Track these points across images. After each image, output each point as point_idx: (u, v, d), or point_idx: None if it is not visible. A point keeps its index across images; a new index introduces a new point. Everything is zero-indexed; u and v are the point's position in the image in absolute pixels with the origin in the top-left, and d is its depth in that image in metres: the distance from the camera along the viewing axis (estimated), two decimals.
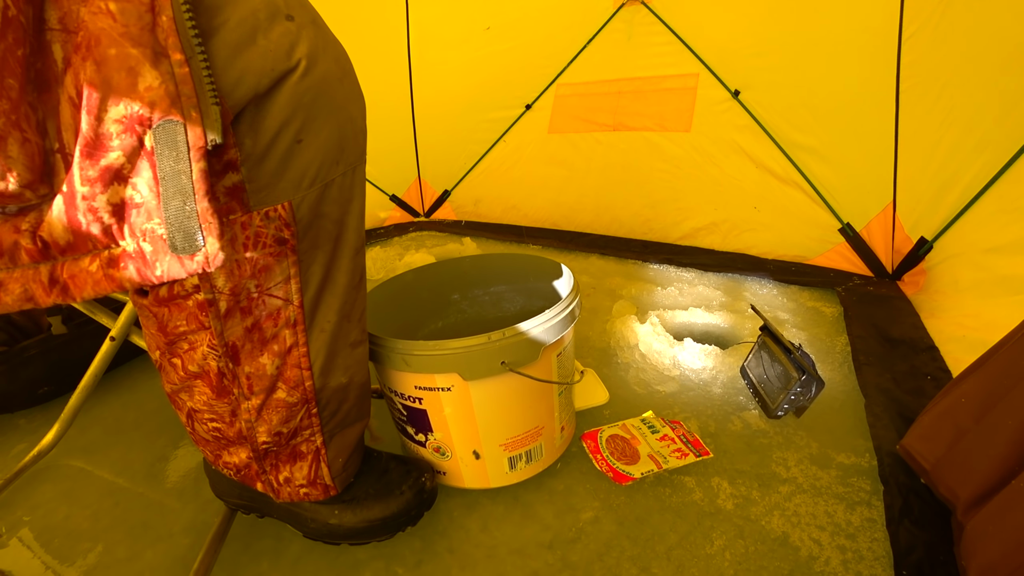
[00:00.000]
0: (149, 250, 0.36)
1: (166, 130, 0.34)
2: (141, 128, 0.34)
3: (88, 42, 0.33)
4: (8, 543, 0.69)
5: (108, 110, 0.33)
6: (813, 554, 0.58)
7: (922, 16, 1.10)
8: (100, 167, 0.34)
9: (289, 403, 0.52)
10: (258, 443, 0.54)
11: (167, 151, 0.34)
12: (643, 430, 0.78)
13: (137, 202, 0.35)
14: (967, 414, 0.57)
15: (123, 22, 0.33)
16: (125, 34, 0.33)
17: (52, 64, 0.34)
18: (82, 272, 0.37)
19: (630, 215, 1.68)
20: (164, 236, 0.35)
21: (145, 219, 0.35)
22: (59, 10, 0.33)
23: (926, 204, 1.13)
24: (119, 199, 0.35)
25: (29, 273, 0.36)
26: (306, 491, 0.58)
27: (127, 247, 0.36)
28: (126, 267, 0.36)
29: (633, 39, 1.58)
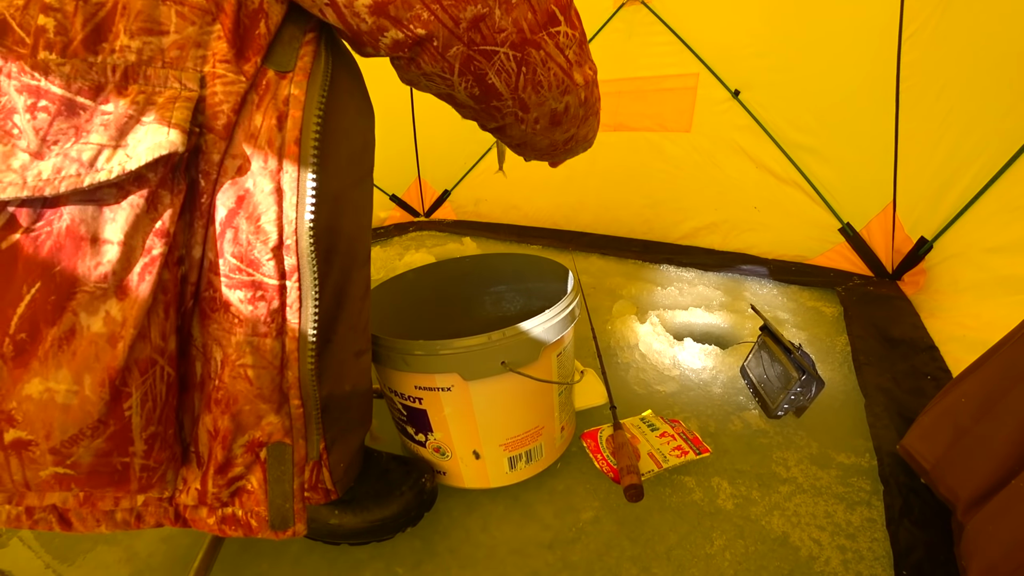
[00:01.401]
0: (255, 525, 0.45)
1: (278, 448, 0.44)
2: (259, 447, 0.43)
3: (227, 400, 0.40)
4: (8, 543, 0.68)
5: (237, 440, 0.42)
6: (813, 554, 0.58)
7: (922, 16, 1.10)
8: (227, 478, 0.43)
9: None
10: None
11: (276, 463, 0.44)
12: (643, 429, 0.78)
13: (249, 490, 0.45)
14: (967, 414, 0.57)
15: (258, 385, 0.40)
16: (259, 395, 0.40)
17: (193, 374, 0.41)
18: (201, 519, 0.45)
19: (630, 215, 1.68)
20: (267, 519, 0.45)
21: (254, 504, 0.45)
22: (202, 337, 0.39)
23: (926, 204, 1.13)
24: (237, 488, 0.44)
25: (160, 511, 0.45)
26: (307, 495, 0.58)
27: (237, 512, 0.45)
28: (236, 529, 0.46)
29: (633, 39, 1.58)
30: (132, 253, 0.33)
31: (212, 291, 0.37)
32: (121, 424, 0.35)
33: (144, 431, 0.37)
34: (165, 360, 0.37)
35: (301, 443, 0.44)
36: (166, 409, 0.38)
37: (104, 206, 0.32)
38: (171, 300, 0.36)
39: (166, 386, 0.37)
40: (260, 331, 0.38)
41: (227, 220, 0.36)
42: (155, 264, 0.33)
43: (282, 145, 0.35)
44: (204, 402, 0.41)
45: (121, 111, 0.32)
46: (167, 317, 0.36)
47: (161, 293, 0.35)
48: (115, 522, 0.43)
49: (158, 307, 0.35)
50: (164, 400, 0.37)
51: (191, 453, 0.43)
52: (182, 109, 0.33)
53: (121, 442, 0.36)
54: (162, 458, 0.39)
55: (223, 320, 0.38)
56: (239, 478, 0.44)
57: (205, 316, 0.39)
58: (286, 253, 0.37)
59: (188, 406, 0.41)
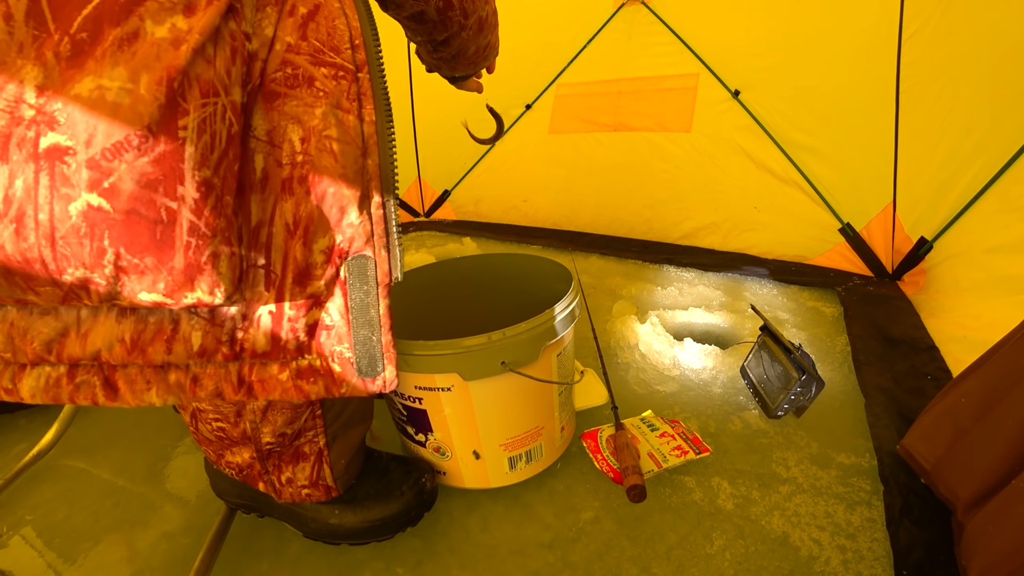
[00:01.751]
0: (338, 371, 0.40)
1: (359, 263, 0.39)
2: (340, 260, 0.39)
3: (312, 176, 0.37)
4: (8, 543, 0.69)
5: (317, 241, 0.38)
6: (813, 554, 0.58)
7: (922, 16, 1.10)
8: (307, 294, 0.39)
9: (294, 405, 0.52)
10: (262, 444, 0.54)
11: (358, 283, 0.39)
12: (643, 429, 0.78)
13: (327, 324, 0.39)
14: (967, 414, 0.57)
15: (343, 163, 0.37)
16: (343, 175, 0.37)
17: (251, 172, 0.37)
18: (272, 378, 0.40)
19: (630, 215, 1.68)
20: (352, 360, 0.40)
21: (336, 342, 0.40)
22: (268, 123, 0.37)
23: (926, 204, 1.13)
24: (314, 320, 0.39)
25: (221, 372, 0.40)
26: (308, 492, 0.58)
27: (313, 362, 0.40)
28: (316, 382, 0.41)
29: (633, 39, 1.58)
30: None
31: (292, 68, 0.37)
32: (173, 145, 0.31)
33: (198, 170, 0.32)
34: (227, 101, 0.34)
35: (383, 255, 0.40)
36: (224, 161, 0.34)
37: None
38: (238, 49, 0.34)
39: (227, 133, 0.34)
40: (343, 105, 0.38)
41: (308, 16, 0.37)
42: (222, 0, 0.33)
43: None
44: (281, 189, 0.37)
45: None
46: (233, 61, 0.34)
47: (229, 36, 0.34)
48: (168, 385, 0.39)
49: (224, 45, 0.33)
50: (223, 148, 0.34)
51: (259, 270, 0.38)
52: None
53: (170, 173, 0.32)
54: (215, 225, 0.34)
55: (306, 95, 0.37)
56: (318, 301, 0.39)
57: (278, 96, 0.37)
58: (356, 49, 0.39)
59: (244, 213, 0.37)
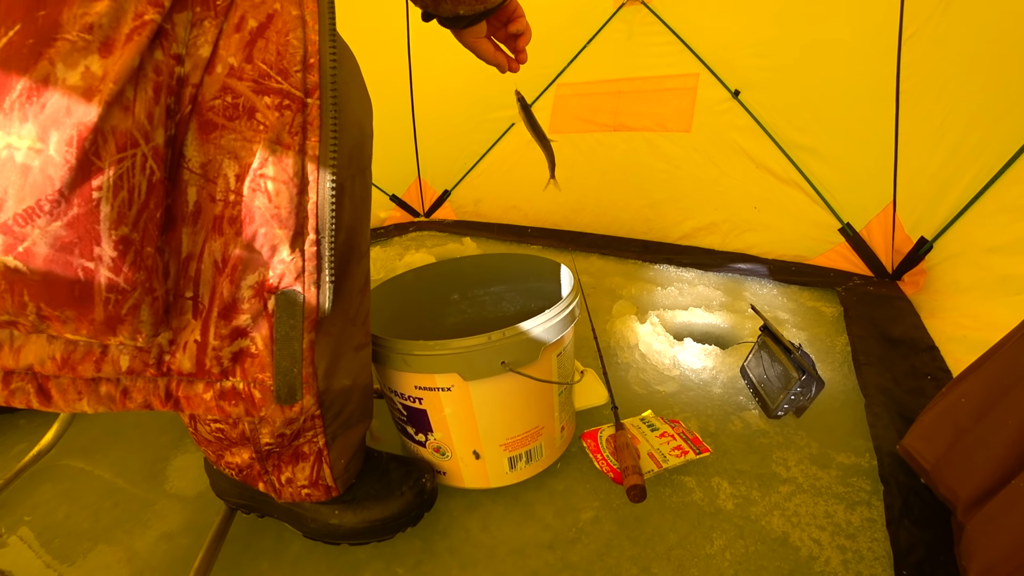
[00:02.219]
0: (258, 397, 0.41)
1: (287, 298, 0.39)
2: (268, 294, 0.39)
3: (243, 217, 0.37)
4: (8, 543, 0.69)
5: (246, 278, 0.38)
6: (813, 554, 0.58)
7: (922, 16, 1.10)
8: (233, 326, 0.39)
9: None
10: (261, 444, 0.54)
11: (285, 316, 0.40)
12: (643, 429, 0.78)
13: (252, 353, 0.40)
14: (967, 414, 0.57)
15: (277, 203, 0.37)
16: (277, 215, 0.37)
17: (183, 204, 0.37)
18: (196, 396, 0.41)
19: (630, 215, 1.68)
20: (272, 388, 0.41)
21: (258, 370, 0.41)
22: (203, 155, 0.36)
23: (926, 204, 1.13)
24: (239, 348, 0.40)
25: (150, 386, 0.41)
26: (308, 492, 0.58)
27: (237, 385, 0.41)
28: (237, 405, 0.42)
29: (633, 39, 1.58)
30: (122, 13, 0.31)
31: (232, 97, 0.36)
32: (87, 207, 0.31)
33: (115, 229, 0.32)
34: (149, 149, 0.33)
35: (313, 291, 0.40)
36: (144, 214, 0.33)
37: None
38: (163, 85, 0.33)
39: (147, 184, 0.33)
40: (283, 140, 0.37)
41: (258, 31, 0.36)
42: (145, 29, 0.31)
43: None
44: (211, 227, 0.37)
45: None
46: (156, 101, 0.33)
47: (152, 71, 0.32)
48: (98, 396, 0.39)
49: (146, 84, 0.32)
50: (143, 201, 0.33)
51: (187, 301, 0.38)
52: None
53: (85, 235, 0.31)
54: (134, 280, 0.34)
55: (245, 128, 0.36)
56: (243, 333, 0.39)
57: (215, 127, 0.36)
58: (310, 70, 0.37)
59: (175, 245, 0.37)
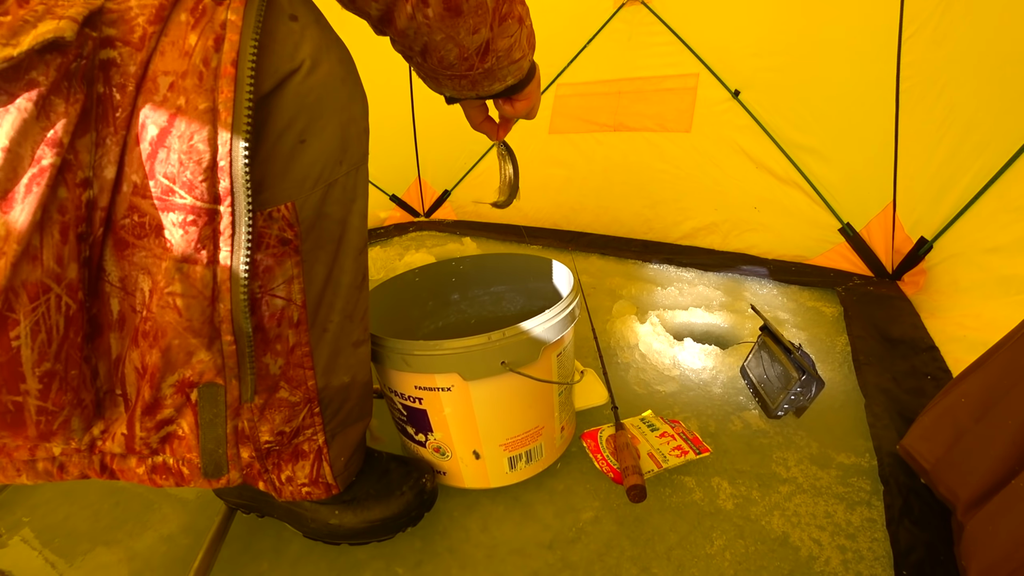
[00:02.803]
0: (187, 472, 0.43)
1: (209, 390, 0.41)
2: (190, 388, 0.40)
3: (155, 332, 0.38)
4: (8, 543, 0.69)
5: (166, 380, 0.40)
6: (813, 554, 0.58)
7: (922, 16, 1.10)
8: (156, 421, 0.41)
9: (292, 402, 0.52)
10: (260, 442, 0.54)
11: (208, 406, 0.41)
12: (643, 429, 0.78)
13: (180, 436, 0.42)
14: (967, 414, 0.57)
15: (187, 316, 0.38)
16: (188, 328, 0.38)
17: (108, 313, 0.38)
18: (130, 469, 0.43)
19: (630, 215, 1.68)
20: (199, 466, 0.43)
21: (186, 450, 0.42)
22: (120, 270, 0.37)
23: (926, 204, 1.13)
24: (167, 433, 0.42)
25: (85, 461, 0.42)
26: (308, 490, 0.58)
27: (167, 460, 0.43)
28: (167, 479, 0.43)
29: (633, 39, 1.58)
30: (19, 162, 0.31)
31: (139, 216, 0.35)
32: (8, 356, 0.32)
33: (38, 367, 0.34)
34: (63, 288, 0.34)
35: (234, 383, 0.41)
36: (66, 345, 0.35)
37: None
38: (70, 223, 0.33)
39: (64, 319, 0.34)
40: (191, 257, 0.36)
41: (159, 139, 0.34)
42: (44, 175, 0.31)
43: (218, 66, 0.35)
44: (130, 338, 0.38)
45: (18, 18, 0.30)
46: (65, 241, 0.33)
47: (57, 213, 0.32)
48: (36, 472, 0.41)
49: (52, 228, 0.32)
50: (63, 334, 0.34)
51: (117, 396, 0.40)
52: (77, 7, 0.32)
53: (10, 378, 0.33)
54: (62, 402, 0.36)
55: (153, 246, 0.36)
56: (169, 422, 0.41)
57: (127, 245, 0.36)
58: (220, 175, 0.36)
59: (104, 349, 0.39)
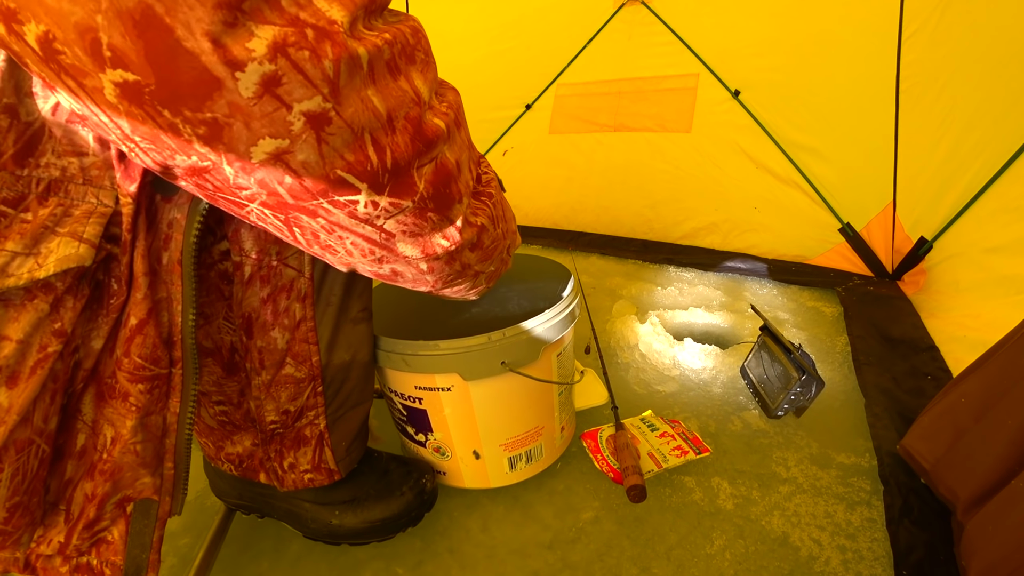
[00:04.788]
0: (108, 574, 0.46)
1: (144, 504, 0.46)
2: (128, 502, 0.45)
3: (112, 470, 0.43)
4: None
5: (110, 501, 0.44)
6: (813, 554, 0.58)
7: (922, 16, 1.10)
8: (92, 532, 0.45)
9: (297, 379, 0.53)
10: (265, 423, 0.54)
11: (141, 517, 0.46)
12: (643, 429, 0.78)
13: (109, 540, 0.46)
14: (967, 414, 0.57)
15: (143, 456, 0.44)
16: (142, 463, 0.44)
17: (72, 445, 0.42)
18: (53, 569, 0.45)
19: (631, 215, 1.68)
20: (121, 568, 0.46)
21: (111, 553, 0.46)
22: (93, 414, 0.42)
23: (926, 204, 1.13)
24: (97, 539, 0.46)
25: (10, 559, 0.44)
26: (311, 476, 0.58)
27: (91, 561, 0.46)
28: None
29: (633, 39, 1.58)
30: (28, 349, 0.35)
31: (114, 382, 0.41)
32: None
33: (8, 501, 0.37)
34: (43, 440, 0.38)
35: (167, 499, 0.47)
36: (34, 481, 0.39)
37: (10, 307, 0.34)
38: (59, 387, 0.38)
39: (39, 461, 0.39)
40: (151, 410, 0.43)
41: (138, 327, 0.40)
42: (48, 360, 0.36)
43: (169, 262, 0.41)
44: (86, 470, 0.43)
45: (39, 221, 0.34)
46: (52, 402, 0.38)
47: (51, 382, 0.37)
48: None
49: (45, 394, 0.37)
50: (34, 473, 0.39)
51: (60, 509, 0.44)
52: (95, 225, 0.36)
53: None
54: (21, 524, 0.40)
55: (120, 407, 0.42)
56: (103, 530, 0.45)
57: (102, 399, 0.42)
58: (175, 347, 0.43)
59: (59, 471, 0.42)
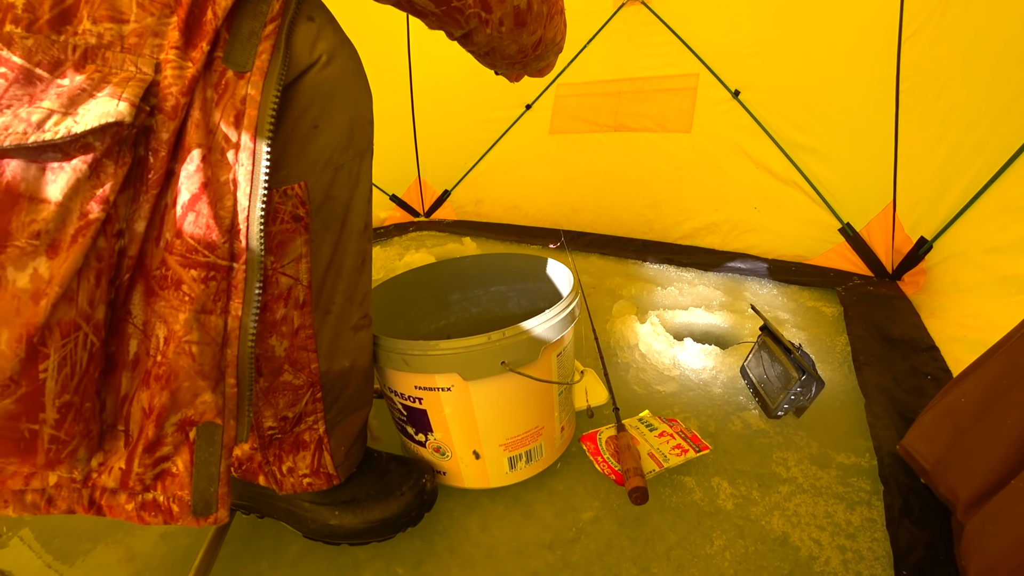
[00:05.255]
0: (176, 510, 0.44)
1: (207, 429, 0.43)
2: (190, 427, 0.42)
3: (168, 376, 0.40)
4: (8, 543, 0.68)
5: (169, 418, 0.41)
6: (813, 554, 0.58)
7: (922, 16, 1.10)
8: (154, 457, 0.42)
9: (295, 385, 0.52)
10: (264, 429, 0.54)
11: (205, 444, 0.43)
12: (641, 429, 0.78)
13: (173, 473, 0.43)
14: (967, 414, 0.57)
15: (200, 361, 0.40)
16: (199, 371, 0.41)
17: (125, 352, 0.40)
18: (119, 506, 0.44)
19: (631, 215, 1.68)
20: (189, 503, 0.44)
21: (178, 488, 0.43)
22: (144, 315, 0.40)
23: (926, 204, 1.13)
24: (161, 471, 0.43)
25: (74, 496, 0.43)
26: (309, 481, 0.58)
27: (157, 498, 0.44)
28: (156, 516, 0.44)
29: (633, 39, 1.58)
30: (68, 215, 0.33)
31: (164, 269, 0.39)
32: (34, 387, 0.34)
33: (58, 398, 0.36)
34: (90, 328, 0.36)
35: (232, 424, 0.44)
36: (85, 379, 0.37)
37: (47, 169, 0.33)
38: (104, 269, 0.36)
39: (88, 355, 0.37)
40: (208, 308, 0.40)
41: (190, 204, 0.38)
42: (90, 228, 0.34)
43: (239, 141, 0.39)
44: (141, 379, 0.41)
45: (76, 85, 0.33)
46: (98, 285, 0.36)
47: (95, 260, 0.35)
48: (24, 504, 0.42)
49: (89, 273, 0.35)
50: (84, 369, 0.37)
51: (118, 431, 0.42)
52: (134, 87, 0.35)
53: (31, 406, 0.35)
54: (74, 431, 0.38)
55: (172, 298, 0.39)
56: (166, 459, 0.43)
57: (152, 293, 0.39)
58: (238, 237, 0.40)
59: (114, 385, 0.41)
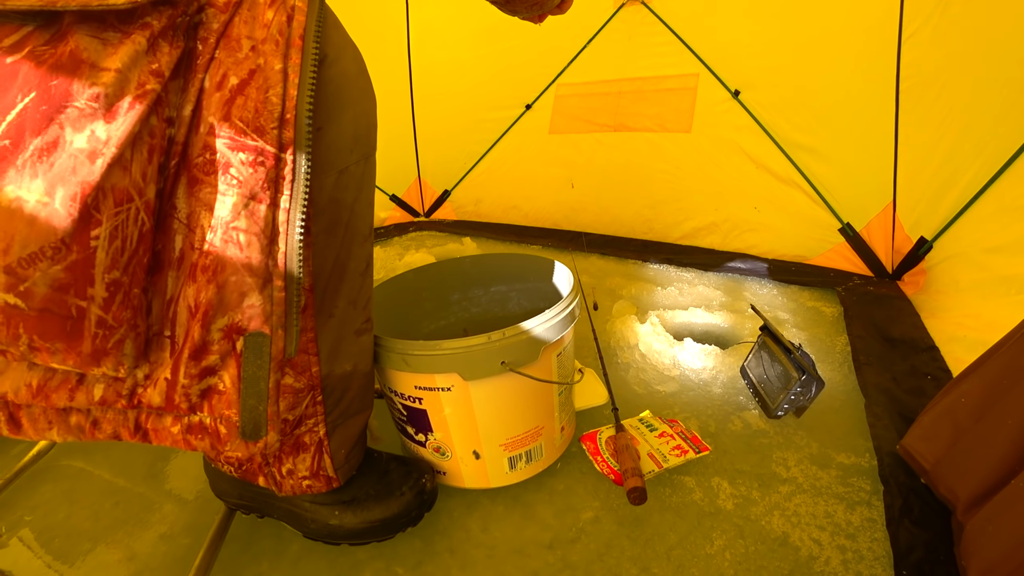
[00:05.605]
0: (224, 432, 0.43)
1: (255, 340, 0.41)
2: (237, 335, 0.41)
3: (215, 266, 0.39)
4: (8, 543, 0.69)
5: (216, 321, 0.40)
6: (813, 554, 0.58)
7: (922, 16, 1.10)
8: (202, 366, 0.41)
9: (296, 388, 0.52)
10: None
11: (253, 357, 0.41)
12: (641, 430, 0.78)
13: (220, 390, 0.42)
14: (967, 414, 0.57)
15: (248, 253, 0.39)
16: (247, 265, 0.39)
17: (171, 251, 0.40)
18: (164, 429, 0.43)
19: (631, 215, 1.68)
20: (238, 424, 0.42)
21: (225, 407, 0.42)
22: (188, 207, 0.39)
23: (926, 204, 1.13)
24: (207, 386, 0.42)
25: (120, 418, 0.42)
26: (309, 483, 0.58)
27: (204, 420, 0.43)
28: (203, 439, 0.43)
29: (633, 39, 1.58)
30: (126, 83, 0.35)
31: (211, 154, 0.39)
32: (85, 254, 0.34)
33: (107, 273, 0.36)
34: (141, 203, 0.37)
35: (280, 334, 0.42)
36: (134, 259, 0.37)
37: (108, 43, 0.34)
38: (156, 147, 0.37)
39: (138, 232, 0.37)
40: (256, 195, 0.39)
41: (239, 88, 0.39)
42: (146, 98, 0.35)
43: (290, 37, 0.40)
44: (188, 274, 0.40)
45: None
46: (150, 161, 0.37)
47: (148, 135, 0.36)
48: (68, 427, 0.42)
49: (142, 146, 0.36)
50: (134, 248, 0.37)
51: (164, 339, 0.41)
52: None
53: (81, 277, 0.35)
54: (121, 318, 0.37)
55: (220, 182, 0.39)
56: (212, 371, 0.41)
57: (196, 181, 0.39)
58: (286, 126, 0.40)
59: (160, 286, 0.40)
